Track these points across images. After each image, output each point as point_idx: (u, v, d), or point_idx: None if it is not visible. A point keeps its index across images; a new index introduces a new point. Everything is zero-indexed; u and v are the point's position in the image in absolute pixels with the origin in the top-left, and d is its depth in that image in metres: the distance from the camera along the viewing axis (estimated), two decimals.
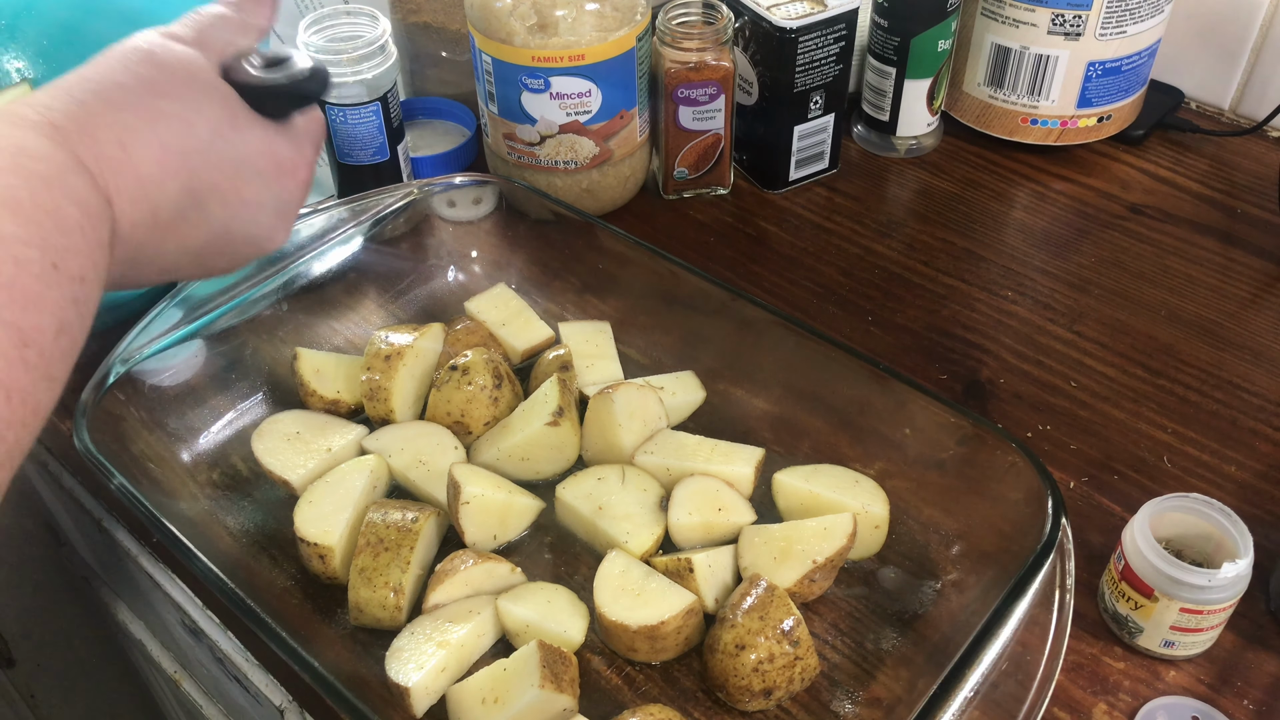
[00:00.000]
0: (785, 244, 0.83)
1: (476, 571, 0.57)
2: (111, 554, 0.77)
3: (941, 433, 0.59)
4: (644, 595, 0.56)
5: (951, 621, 0.56)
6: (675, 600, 0.55)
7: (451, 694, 0.54)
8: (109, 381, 0.61)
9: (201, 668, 0.77)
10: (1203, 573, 0.53)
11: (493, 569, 0.58)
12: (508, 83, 0.77)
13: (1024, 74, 0.86)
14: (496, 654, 0.57)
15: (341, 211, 0.72)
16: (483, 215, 0.78)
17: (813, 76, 0.81)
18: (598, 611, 0.56)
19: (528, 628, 0.56)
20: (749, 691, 0.53)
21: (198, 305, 0.66)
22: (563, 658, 0.53)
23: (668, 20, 0.79)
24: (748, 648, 0.53)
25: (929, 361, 0.74)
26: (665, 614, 0.54)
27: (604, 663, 0.57)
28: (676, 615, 0.54)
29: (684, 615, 0.55)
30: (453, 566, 0.57)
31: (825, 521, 0.58)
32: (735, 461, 0.63)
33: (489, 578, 0.58)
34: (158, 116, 0.43)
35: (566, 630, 0.56)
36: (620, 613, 0.55)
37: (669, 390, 0.67)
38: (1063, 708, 0.55)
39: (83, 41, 0.86)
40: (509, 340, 0.72)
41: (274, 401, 0.69)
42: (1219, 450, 0.67)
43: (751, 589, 0.55)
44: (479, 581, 0.57)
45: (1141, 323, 0.76)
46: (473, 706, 0.53)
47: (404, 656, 0.54)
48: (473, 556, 0.58)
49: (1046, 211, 0.86)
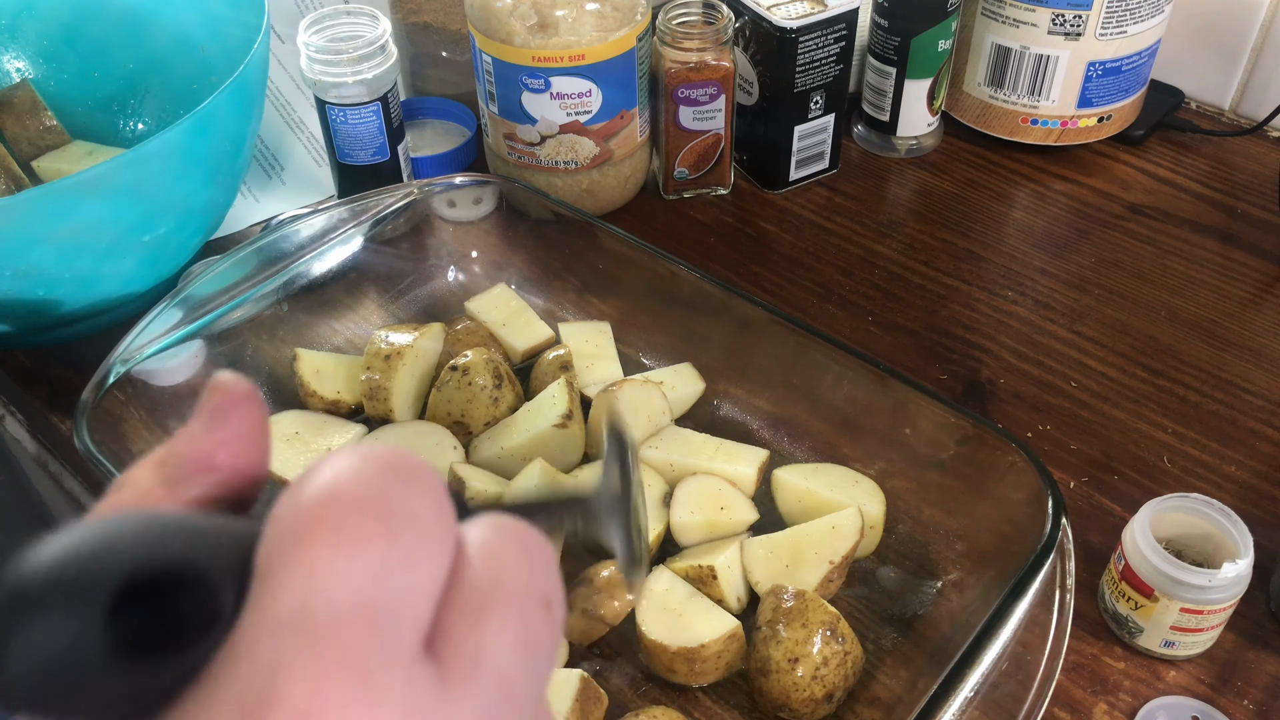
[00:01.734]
0: (785, 244, 0.83)
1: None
2: None
3: (941, 433, 0.59)
4: (685, 616, 0.55)
5: (951, 621, 0.56)
6: (717, 624, 0.54)
7: None
8: (109, 381, 0.61)
9: None
10: (1203, 573, 0.53)
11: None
12: (508, 83, 0.77)
13: (1024, 74, 0.86)
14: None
15: (341, 211, 0.72)
16: (483, 215, 0.78)
17: (813, 76, 0.81)
18: (638, 629, 0.55)
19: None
20: (813, 701, 0.52)
21: (198, 305, 0.66)
22: (596, 696, 0.52)
23: (668, 20, 0.79)
24: (801, 659, 0.52)
25: (929, 361, 0.73)
26: (706, 637, 0.54)
27: (605, 663, 0.57)
28: (718, 640, 0.54)
29: (725, 640, 0.54)
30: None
31: (833, 520, 0.58)
32: (739, 461, 0.63)
33: None
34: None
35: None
36: (660, 633, 0.54)
37: (669, 385, 0.67)
38: (1063, 708, 0.55)
39: (83, 41, 0.86)
40: (509, 340, 0.72)
41: (274, 401, 0.69)
42: (1219, 450, 0.67)
43: (781, 600, 0.54)
44: None
45: (1141, 323, 0.76)
46: None
47: None
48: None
49: (1046, 211, 0.86)
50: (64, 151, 0.84)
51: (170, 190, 0.67)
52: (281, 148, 0.90)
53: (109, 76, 0.86)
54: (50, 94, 0.85)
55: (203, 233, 0.74)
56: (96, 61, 0.86)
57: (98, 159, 0.83)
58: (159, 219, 0.68)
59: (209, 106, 0.65)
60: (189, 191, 0.69)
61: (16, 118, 0.83)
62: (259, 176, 0.89)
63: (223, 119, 0.68)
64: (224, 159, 0.71)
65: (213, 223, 0.76)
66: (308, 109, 0.91)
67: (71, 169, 0.81)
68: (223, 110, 0.67)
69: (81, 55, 0.86)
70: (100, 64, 0.86)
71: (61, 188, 0.61)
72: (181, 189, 0.68)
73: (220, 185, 0.73)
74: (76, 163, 0.82)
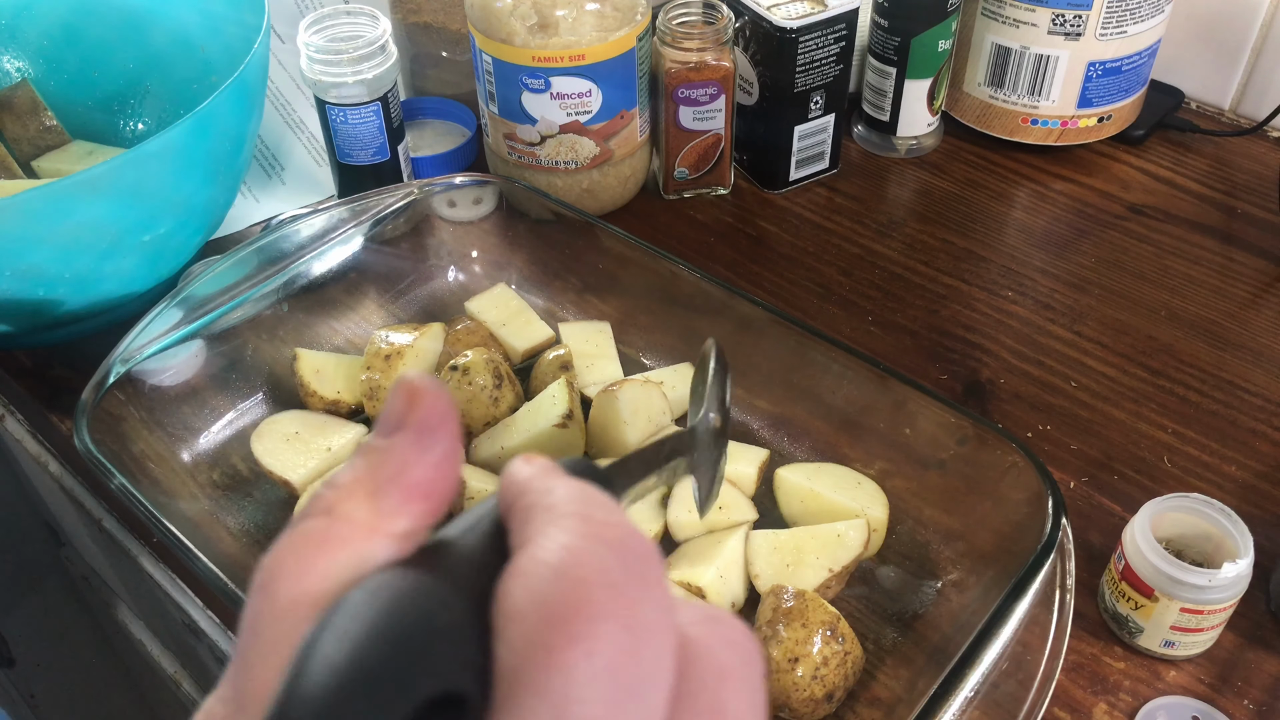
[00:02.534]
0: (785, 244, 0.83)
1: None
2: (111, 554, 0.77)
3: (941, 433, 0.59)
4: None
5: (951, 621, 0.56)
6: None
7: None
8: (109, 381, 0.61)
9: (202, 668, 0.77)
10: (1203, 573, 0.53)
11: None
12: (508, 83, 0.77)
13: (1024, 74, 0.86)
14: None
15: (341, 211, 0.72)
16: (483, 215, 0.78)
17: (813, 76, 0.81)
18: None
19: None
20: (813, 701, 0.52)
21: (198, 305, 0.66)
22: None
23: (668, 20, 0.79)
24: (801, 659, 0.52)
25: (929, 361, 0.73)
26: None
27: None
28: None
29: None
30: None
31: (840, 528, 0.58)
32: (739, 461, 0.63)
33: None
34: None
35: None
36: None
37: (668, 384, 0.67)
38: (1063, 708, 0.55)
39: (83, 41, 0.86)
40: (509, 340, 0.72)
41: (274, 401, 0.69)
42: (1219, 450, 0.67)
43: (781, 600, 0.54)
44: None
45: (1141, 323, 0.76)
46: None
47: None
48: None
49: (1046, 211, 0.86)
50: (64, 151, 0.84)
51: (170, 190, 0.67)
52: (281, 148, 0.90)
53: (109, 76, 0.86)
54: (50, 94, 0.85)
55: (203, 232, 0.74)
56: (97, 61, 0.86)
57: (98, 159, 0.83)
58: (159, 219, 0.68)
59: (209, 106, 0.65)
60: (189, 191, 0.69)
61: (16, 117, 0.83)
62: (259, 176, 0.89)
63: (223, 119, 0.68)
64: (224, 159, 0.71)
65: (213, 223, 0.76)
66: (308, 109, 0.91)
67: (71, 169, 0.81)
68: (223, 110, 0.67)
69: (82, 55, 0.86)
70: (100, 64, 0.86)
71: (61, 188, 0.61)
72: (182, 189, 0.68)
73: (220, 185, 0.73)
74: (76, 163, 0.82)
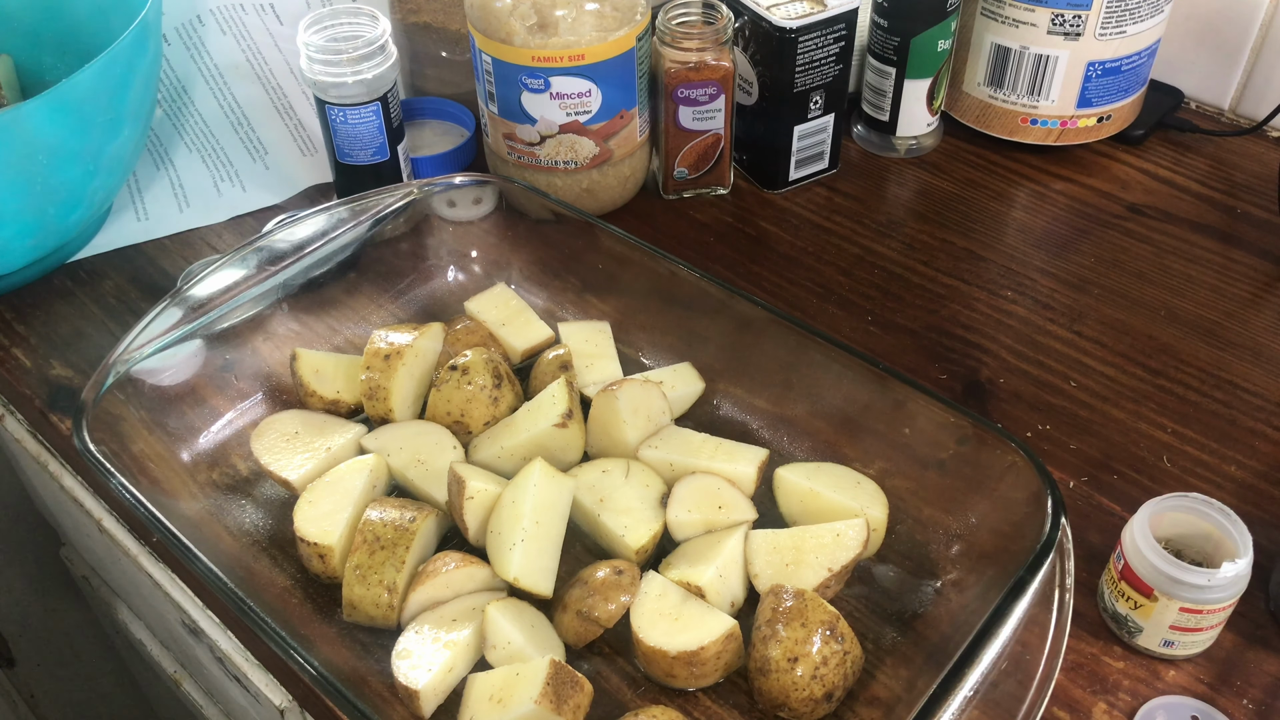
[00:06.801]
0: (785, 244, 0.83)
1: (459, 575, 0.57)
2: (111, 554, 0.77)
3: (941, 433, 0.59)
4: (682, 619, 0.55)
5: (951, 621, 0.56)
6: (715, 625, 0.54)
7: (470, 681, 0.53)
8: (109, 381, 0.61)
9: (201, 668, 0.77)
10: (1202, 572, 0.53)
11: (474, 573, 0.57)
12: (508, 83, 0.77)
13: (1024, 74, 0.86)
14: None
15: (341, 211, 0.72)
16: (483, 215, 0.78)
17: (813, 76, 0.81)
18: (635, 636, 0.55)
19: (509, 644, 0.55)
20: (813, 700, 0.52)
21: (198, 305, 0.66)
22: (575, 682, 0.52)
23: (668, 20, 0.79)
24: (800, 658, 0.52)
25: (929, 361, 0.74)
26: (705, 639, 0.54)
27: (604, 663, 0.57)
28: (716, 641, 0.54)
29: (724, 640, 0.54)
30: (435, 568, 0.57)
31: (839, 527, 0.58)
32: (739, 460, 0.63)
33: (470, 581, 0.58)
34: None
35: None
36: (658, 638, 0.54)
37: (668, 384, 0.67)
38: (1062, 707, 0.55)
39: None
40: (509, 340, 0.72)
41: (274, 401, 0.69)
42: (1219, 450, 0.67)
43: (781, 600, 0.54)
44: (460, 584, 0.57)
45: (1141, 323, 0.76)
46: (480, 699, 0.52)
47: (412, 658, 0.54)
48: (455, 559, 0.57)
49: (1046, 211, 0.86)
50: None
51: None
52: (268, 132, 0.90)
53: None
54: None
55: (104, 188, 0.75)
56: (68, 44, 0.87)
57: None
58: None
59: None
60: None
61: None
62: (244, 161, 0.88)
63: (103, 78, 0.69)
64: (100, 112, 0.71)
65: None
66: (299, 96, 0.91)
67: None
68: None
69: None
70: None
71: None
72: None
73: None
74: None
